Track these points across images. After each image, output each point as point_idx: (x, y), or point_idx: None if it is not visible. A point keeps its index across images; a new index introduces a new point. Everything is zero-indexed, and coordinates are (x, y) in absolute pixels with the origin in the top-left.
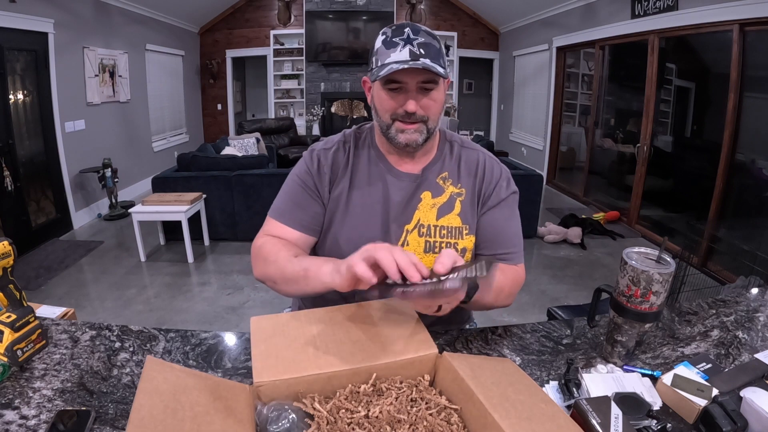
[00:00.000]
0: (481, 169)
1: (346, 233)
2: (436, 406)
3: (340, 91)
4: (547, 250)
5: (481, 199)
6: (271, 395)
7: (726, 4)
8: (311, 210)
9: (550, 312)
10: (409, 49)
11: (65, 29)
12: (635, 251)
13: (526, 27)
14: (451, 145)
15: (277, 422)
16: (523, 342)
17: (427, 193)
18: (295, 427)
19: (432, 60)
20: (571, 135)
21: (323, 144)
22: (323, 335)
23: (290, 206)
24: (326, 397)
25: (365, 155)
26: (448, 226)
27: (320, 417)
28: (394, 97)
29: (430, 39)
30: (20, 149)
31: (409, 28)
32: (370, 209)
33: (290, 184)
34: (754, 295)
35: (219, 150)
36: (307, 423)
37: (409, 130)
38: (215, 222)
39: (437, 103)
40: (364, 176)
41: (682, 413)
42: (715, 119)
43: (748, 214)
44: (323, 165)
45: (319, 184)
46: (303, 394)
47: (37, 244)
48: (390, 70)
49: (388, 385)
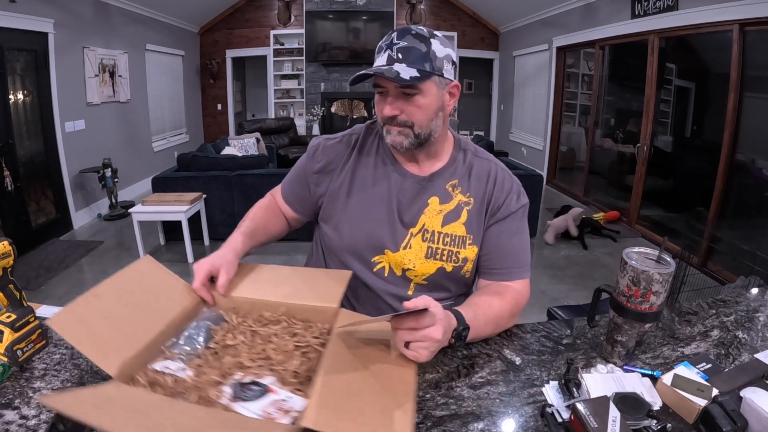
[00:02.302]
0: (492, 180)
1: (348, 226)
2: (305, 342)
3: (340, 91)
4: (547, 250)
5: (489, 210)
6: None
7: (726, 4)
8: (299, 192)
9: (550, 312)
10: (388, 54)
11: (65, 29)
12: (635, 251)
13: (526, 27)
14: (465, 154)
15: (199, 318)
16: (523, 342)
17: (435, 199)
18: (213, 320)
19: (410, 64)
20: (571, 135)
21: (330, 136)
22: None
23: (288, 183)
24: (248, 313)
25: (373, 150)
26: (452, 234)
27: (230, 320)
28: (381, 101)
29: (415, 42)
30: (20, 149)
31: (396, 32)
32: (373, 204)
33: (295, 168)
34: (754, 295)
35: (219, 150)
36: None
37: (393, 132)
38: (215, 222)
39: (422, 108)
40: (369, 171)
41: (682, 413)
42: (715, 119)
43: (748, 214)
44: (318, 155)
45: (309, 171)
46: (236, 309)
47: (37, 244)
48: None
49: (288, 319)
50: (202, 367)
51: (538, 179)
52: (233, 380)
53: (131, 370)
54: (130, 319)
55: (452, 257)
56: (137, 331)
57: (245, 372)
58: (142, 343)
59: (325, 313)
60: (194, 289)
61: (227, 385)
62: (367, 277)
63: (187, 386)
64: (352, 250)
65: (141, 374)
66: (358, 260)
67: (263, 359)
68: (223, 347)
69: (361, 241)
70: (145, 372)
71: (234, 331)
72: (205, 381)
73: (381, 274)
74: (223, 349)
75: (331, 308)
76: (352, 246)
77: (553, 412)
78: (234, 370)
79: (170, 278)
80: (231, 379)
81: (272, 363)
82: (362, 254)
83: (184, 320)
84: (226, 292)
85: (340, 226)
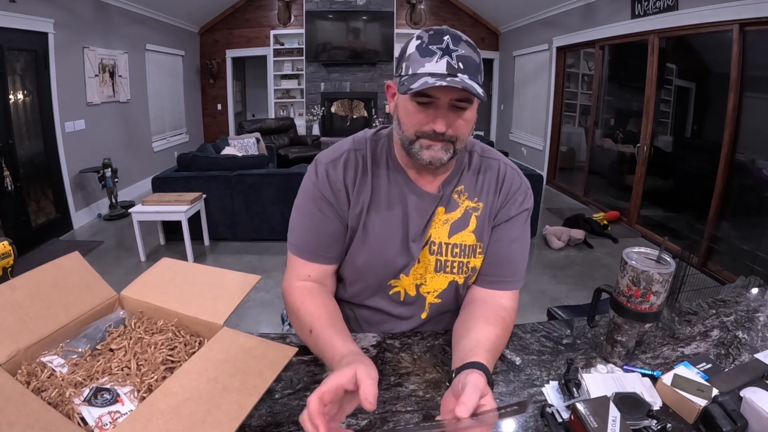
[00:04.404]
0: (500, 181)
1: (365, 256)
2: (177, 358)
3: (340, 91)
4: (547, 250)
5: (495, 212)
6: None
7: (726, 4)
8: (333, 235)
9: (550, 312)
10: (447, 61)
11: (65, 29)
12: (635, 251)
13: (526, 27)
14: (471, 156)
15: (105, 318)
16: (523, 342)
17: (441, 209)
18: (115, 323)
19: (470, 77)
20: (571, 135)
21: (330, 154)
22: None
23: (310, 238)
24: (150, 319)
25: (384, 168)
26: (461, 244)
27: (129, 324)
28: (423, 112)
29: (470, 51)
30: (20, 149)
31: (449, 36)
32: (389, 230)
33: (304, 208)
34: (754, 295)
35: (219, 150)
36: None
37: (435, 147)
38: (215, 222)
39: (469, 123)
40: (384, 193)
41: (682, 413)
42: (715, 119)
43: (748, 214)
44: (335, 181)
45: (337, 204)
46: (143, 313)
47: (37, 244)
48: (424, 84)
49: (176, 330)
50: (77, 366)
51: (538, 179)
52: (96, 384)
53: (21, 360)
54: (37, 313)
55: (462, 268)
56: (39, 325)
57: (110, 378)
58: (41, 336)
59: (211, 329)
60: (300, 421)
61: (88, 387)
62: (383, 304)
63: (54, 382)
64: (369, 280)
65: (25, 365)
66: (374, 288)
67: (129, 368)
68: (107, 350)
69: (378, 270)
70: (30, 363)
71: (124, 335)
72: (69, 380)
73: (396, 298)
74: (106, 351)
75: (217, 325)
76: (369, 276)
77: (553, 412)
78: (100, 374)
79: (90, 278)
80: (95, 382)
81: (135, 374)
82: (379, 281)
83: (90, 319)
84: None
85: (356, 257)
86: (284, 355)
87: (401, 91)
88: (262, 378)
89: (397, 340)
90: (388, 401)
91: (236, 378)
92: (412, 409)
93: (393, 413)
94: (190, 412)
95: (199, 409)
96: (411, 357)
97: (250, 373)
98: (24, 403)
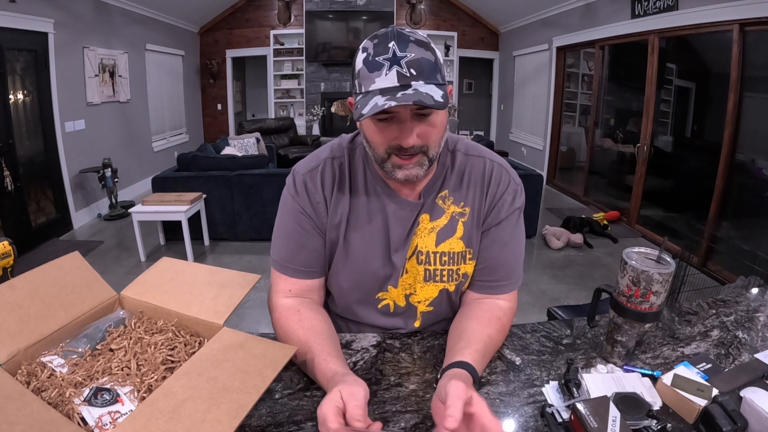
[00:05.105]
0: (487, 181)
1: (349, 272)
2: (177, 358)
3: (340, 91)
4: (547, 250)
5: (483, 215)
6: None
7: (726, 4)
8: (315, 250)
9: (550, 312)
10: (397, 71)
11: (65, 29)
12: (635, 251)
13: (526, 27)
14: (453, 156)
15: (105, 318)
16: (523, 342)
17: (425, 216)
18: (116, 323)
19: (426, 80)
20: (571, 135)
21: (307, 163)
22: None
23: (291, 253)
24: (148, 318)
25: (361, 176)
26: (450, 251)
27: (129, 324)
28: (387, 128)
29: (421, 52)
30: (20, 149)
31: (395, 41)
32: (370, 243)
33: (284, 223)
34: (754, 295)
35: (219, 150)
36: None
37: (407, 166)
38: (215, 222)
39: (437, 128)
40: (363, 204)
41: (682, 413)
42: (715, 119)
43: (748, 214)
44: (313, 194)
45: (317, 217)
46: (143, 313)
47: (37, 244)
48: (374, 108)
49: (176, 330)
50: (77, 366)
51: (538, 179)
52: (96, 384)
53: (21, 360)
54: (37, 313)
55: (452, 275)
56: (39, 325)
57: (110, 378)
58: (41, 336)
59: (211, 329)
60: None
61: (88, 387)
62: (373, 318)
63: (54, 382)
64: (356, 296)
65: (25, 365)
66: (362, 302)
67: (129, 368)
68: (107, 350)
69: (364, 286)
70: (30, 363)
71: (124, 335)
72: (69, 380)
73: (386, 310)
74: (106, 351)
75: (217, 324)
76: (355, 292)
77: (553, 412)
78: (100, 374)
79: (90, 278)
80: (95, 382)
81: (135, 374)
82: (366, 296)
83: (90, 319)
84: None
85: (340, 275)
86: (284, 355)
87: (355, 116)
88: (262, 377)
89: (397, 340)
90: (388, 401)
91: (236, 377)
92: (412, 409)
93: (393, 413)
94: (189, 411)
95: (199, 408)
96: (411, 357)
97: (250, 373)
98: (24, 403)
